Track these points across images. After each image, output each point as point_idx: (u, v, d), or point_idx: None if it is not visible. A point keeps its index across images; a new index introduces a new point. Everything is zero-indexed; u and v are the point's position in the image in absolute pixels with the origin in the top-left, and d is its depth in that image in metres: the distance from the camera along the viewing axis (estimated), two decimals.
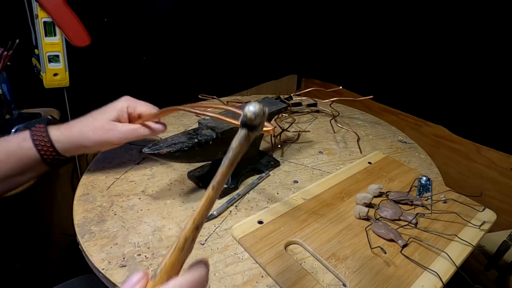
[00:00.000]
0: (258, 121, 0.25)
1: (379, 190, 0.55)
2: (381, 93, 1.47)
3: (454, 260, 0.44)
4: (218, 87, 1.38)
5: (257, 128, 0.26)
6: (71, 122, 0.52)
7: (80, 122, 0.51)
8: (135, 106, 0.53)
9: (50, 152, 0.49)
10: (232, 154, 0.27)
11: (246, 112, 0.25)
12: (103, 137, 0.51)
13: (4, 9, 0.87)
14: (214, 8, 1.30)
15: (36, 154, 0.49)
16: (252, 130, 0.26)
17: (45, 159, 0.49)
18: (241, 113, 0.25)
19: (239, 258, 0.44)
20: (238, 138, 0.26)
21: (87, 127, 0.51)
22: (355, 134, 0.77)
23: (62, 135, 0.50)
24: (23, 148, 0.48)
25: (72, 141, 0.50)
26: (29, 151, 0.48)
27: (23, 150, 0.48)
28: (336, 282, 0.41)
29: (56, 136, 0.50)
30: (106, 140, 0.51)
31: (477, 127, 1.23)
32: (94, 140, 0.51)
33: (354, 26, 1.55)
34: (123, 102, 0.53)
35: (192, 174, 0.58)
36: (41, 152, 0.49)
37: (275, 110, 0.59)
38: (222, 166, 0.27)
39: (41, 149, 0.49)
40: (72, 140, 0.50)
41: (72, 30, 0.83)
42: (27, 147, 0.48)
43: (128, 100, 0.54)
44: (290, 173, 0.63)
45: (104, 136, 0.51)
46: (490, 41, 1.13)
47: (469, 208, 0.54)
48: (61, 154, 0.50)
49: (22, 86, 0.90)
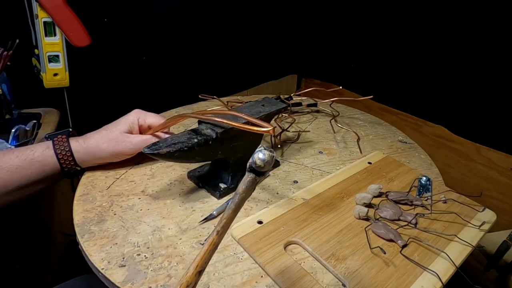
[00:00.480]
0: (266, 168, 0.25)
1: (379, 190, 0.55)
2: (381, 93, 1.47)
3: (454, 261, 0.44)
4: (218, 87, 1.38)
5: (265, 174, 0.26)
6: (88, 135, 0.56)
7: (96, 135, 0.56)
8: (145, 118, 0.58)
9: (69, 162, 0.54)
10: (239, 199, 0.27)
11: (255, 160, 0.25)
12: (117, 148, 0.55)
13: (4, 9, 0.87)
14: (214, 8, 1.30)
15: (56, 163, 0.53)
16: (260, 176, 0.26)
17: (63, 168, 0.54)
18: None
19: (238, 258, 0.44)
20: (245, 182, 0.26)
21: (101, 139, 0.55)
22: (355, 134, 0.77)
23: (80, 146, 0.54)
24: (46, 156, 0.52)
25: (89, 152, 0.55)
26: (50, 159, 0.52)
27: (45, 158, 0.52)
28: (335, 282, 0.41)
29: (75, 148, 0.54)
30: (120, 151, 0.56)
31: (477, 127, 1.23)
32: (109, 151, 0.55)
33: (354, 26, 1.55)
34: (134, 114, 0.58)
35: (192, 174, 0.58)
36: (61, 161, 0.53)
37: (275, 110, 0.58)
38: (228, 210, 0.27)
39: (61, 158, 0.53)
40: (89, 151, 0.55)
41: (72, 30, 0.83)
42: (49, 155, 0.52)
43: (139, 113, 0.58)
44: (290, 173, 0.63)
45: (118, 148, 0.55)
46: (490, 41, 1.13)
47: (469, 208, 0.54)
48: (78, 165, 0.55)
49: (22, 86, 0.90)
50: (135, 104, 0.58)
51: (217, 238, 0.27)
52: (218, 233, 0.27)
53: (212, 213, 0.50)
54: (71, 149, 0.53)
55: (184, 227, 0.48)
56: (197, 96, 0.88)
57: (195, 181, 0.58)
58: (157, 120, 0.59)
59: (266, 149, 0.25)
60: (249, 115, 0.50)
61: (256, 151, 0.25)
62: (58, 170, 0.54)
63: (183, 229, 0.48)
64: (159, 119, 0.59)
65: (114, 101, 1.09)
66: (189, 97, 0.90)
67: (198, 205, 0.53)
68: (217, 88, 1.19)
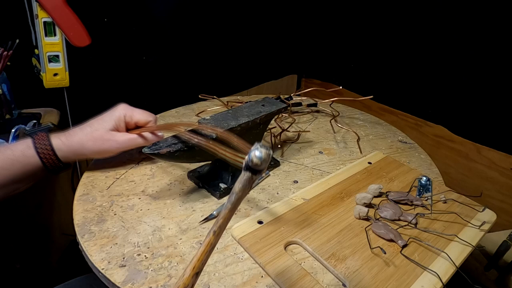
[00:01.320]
0: (263, 167, 0.25)
1: (379, 190, 0.55)
2: (381, 93, 1.47)
3: (454, 261, 0.44)
4: (218, 87, 1.38)
5: (261, 172, 0.26)
6: (71, 131, 0.54)
7: (80, 132, 0.54)
8: (132, 114, 0.56)
9: (53, 160, 0.52)
10: (235, 198, 0.27)
11: (252, 158, 0.24)
12: (102, 147, 0.54)
13: (4, 9, 0.87)
14: (214, 8, 1.30)
15: (39, 162, 0.51)
16: (256, 174, 0.26)
17: (47, 166, 0.52)
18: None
19: (238, 258, 0.44)
20: (242, 181, 0.26)
21: (86, 136, 0.53)
22: (355, 134, 0.77)
23: (63, 144, 0.53)
24: (27, 156, 0.51)
25: (72, 150, 0.53)
26: (32, 158, 0.51)
27: (27, 158, 0.51)
28: (335, 282, 0.41)
29: (57, 145, 0.52)
30: (104, 149, 0.55)
31: (477, 127, 1.23)
32: (93, 150, 0.54)
33: (354, 26, 1.55)
34: (121, 111, 0.55)
35: (192, 174, 0.58)
36: (43, 160, 0.51)
37: (275, 110, 0.58)
38: (224, 210, 0.27)
39: (43, 157, 0.51)
40: (73, 149, 0.53)
41: (72, 30, 0.83)
42: (30, 155, 0.51)
43: (126, 109, 0.56)
44: (290, 173, 0.63)
45: (103, 146, 0.54)
46: (490, 41, 1.13)
47: (469, 208, 0.54)
48: (61, 161, 0.53)
49: (22, 86, 0.90)
50: (135, 104, 0.58)
51: (214, 239, 0.27)
52: (215, 234, 0.27)
53: (212, 213, 0.50)
54: (53, 147, 0.52)
55: (184, 227, 0.48)
56: (197, 96, 0.88)
57: (195, 181, 0.58)
58: (144, 117, 0.56)
59: (262, 147, 0.24)
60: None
61: (253, 148, 0.25)
62: (41, 168, 0.52)
63: (183, 229, 0.48)
64: (146, 117, 0.57)
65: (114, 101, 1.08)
66: (189, 97, 0.90)
67: (198, 205, 0.53)
68: (217, 88, 1.19)
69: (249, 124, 0.54)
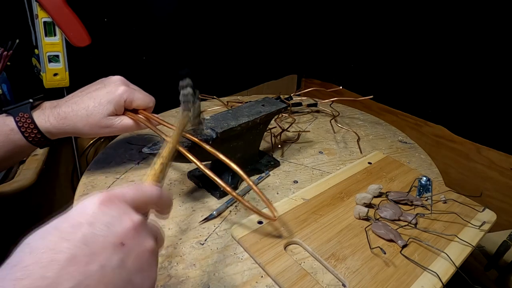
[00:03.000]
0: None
1: (379, 190, 0.55)
2: (381, 93, 1.47)
3: (454, 261, 0.44)
4: (218, 87, 1.37)
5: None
6: (61, 112, 0.49)
7: (73, 114, 0.49)
8: (132, 99, 0.52)
9: (42, 141, 0.50)
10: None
11: None
12: (99, 133, 0.51)
13: (4, 9, 0.87)
14: (214, 8, 1.30)
15: (27, 143, 0.49)
16: None
17: (36, 145, 0.50)
18: None
19: (238, 258, 0.44)
20: None
21: (81, 121, 0.49)
22: (355, 134, 0.77)
23: (54, 128, 0.49)
24: (13, 139, 0.48)
25: (64, 133, 0.51)
26: (20, 141, 0.48)
27: (14, 141, 0.48)
28: (335, 283, 0.41)
29: (46, 128, 0.49)
30: (100, 135, 0.53)
31: (477, 127, 1.23)
32: (89, 134, 0.52)
33: (354, 26, 1.55)
34: (122, 94, 0.50)
35: (192, 174, 0.58)
36: (32, 142, 0.49)
37: (275, 110, 0.58)
38: None
39: (32, 140, 0.49)
40: (64, 132, 0.50)
41: (72, 30, 0.83)
42: (17, 138, 0.48)
43: (126, 92, 0.51)
44: (290, 173, 0.63)
45: (99, 132, 0.51)
46: (490, 41, 1.13)
47: (469, 208, 0.54)
48: (49, 140, 0.51)
49: (22, 86, 0.90)
50: None
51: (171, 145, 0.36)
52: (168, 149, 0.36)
53: (212, 213, 0.50)
54: (40, 130, 0.49)
55: (184, 227, 0.48)
56: None
57: (195, 181, 0.58)
58: (145, 103, 0.53)
59: None
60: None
61: None
62: (30, 146, 0.50)
63: (183, 229, 0.48)
64: (147, 102, 0.53)
65: None
66: None
67: (198, 205, 0.53)
68: (217, 88, 1.19)
69: (249, 124, 0.54)
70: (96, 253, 0.22)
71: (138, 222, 0.25)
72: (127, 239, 0.24)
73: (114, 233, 0.23)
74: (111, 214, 0.24)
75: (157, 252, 0.28)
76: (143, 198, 0.27)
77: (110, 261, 0.22)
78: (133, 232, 0.24)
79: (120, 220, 0.24)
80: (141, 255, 0.25)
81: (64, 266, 0.21)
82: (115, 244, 0.23)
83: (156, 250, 0.27)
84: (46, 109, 0.50)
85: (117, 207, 0.25)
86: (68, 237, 0.22)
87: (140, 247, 0.25)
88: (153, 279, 0.26)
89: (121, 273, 0.23)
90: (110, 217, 0.24)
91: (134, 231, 0.24)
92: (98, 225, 0.23)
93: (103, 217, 0.23)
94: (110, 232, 0.23)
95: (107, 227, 0.23)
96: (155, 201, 0.29)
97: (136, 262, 0.24)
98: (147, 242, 0.26)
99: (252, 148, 0.61)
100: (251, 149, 0.61)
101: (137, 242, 0.25)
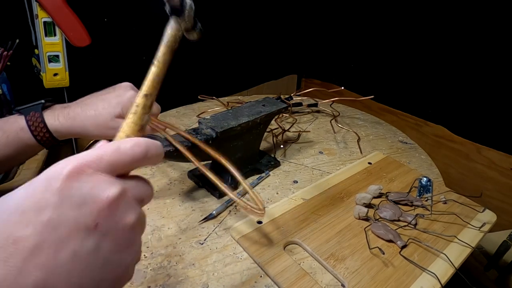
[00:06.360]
0: None
1: (379, 191, 0.55)
2: (382, 93, 1.47)
3: (453, 262, 0.44)
4: (218, 87, 1.38)
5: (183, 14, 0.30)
6: (70, 111, 0.50)
7: (82, 114, 0.50)
8: None
9: (50, 141, 0.50)
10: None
11: None
12: (105, 134, 0.52)
13: (4, 9, 0.87)
14: (214, 8, 1.30)
15: (35, 143, 0.49)
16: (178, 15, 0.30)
17: (43, 145, 0.50)
18: None
19: (238, 258, 0.44)
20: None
21: (88, 121, 0.50)
22: (355, 134, 0.77)
23: (63, 127, 0.50)
24: (22, 138, 0.49)
25: (72, 133, 0.51)
26: (28, 140, 0.49)
27: (22, 140, 0.49)
28: (334, 283, 0.41)
29: (55, 127, 0.50)
30: (107, 136, 0.52)
31: (477, 127, 1.23)
32: (95, 135, 0.52)
33: (355, 26, 1.55)
34: (130, 97, 0.51)
35: (192, 174, 0.58)
36: (41, 142, 0.50)
37: (276, 110, 0.58)
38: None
39: (40, 139, 0.49)
40: (73, 132, 0.51)
41: (72, 30, 0.83)
42: (26, 137, 0.49)
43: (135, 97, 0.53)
44: (290, 173, 0.63)
45: (106, 133, 0.51)
46: (490, 41, 1.13)
47: (469, 209, 0.54)
48: (57, 140, 0.51)
49: (22, 86, 0.90)
50: None
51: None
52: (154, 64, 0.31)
53: (212, 213, 0.50)
54: (49, 130, 0.49)
55: (184, 226, 0.48)
56: (197, 96, 0.88)
57: (195, 181, 0.58)
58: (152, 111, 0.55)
59: None
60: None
61: None
62: (38, 146, 0.50)
63: (182, 228, 0.48)
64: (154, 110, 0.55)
65: None
66: (189, 97, 0.90)
67: (198, 204, 0.53)
68: (217, 88, 1.19)
69: (249, 124, 0.54)
70: (66, 238, 0.19)
71: (115, 195, 0.21)
72: (101, 218, 0.20)
73: (86, 213, 0.20)
74: (82, 189, 0.20)
75: (143, 220, 0.24)
76: (124, 161, 0.23)
77: (83, 246, 0.20)
78: (109, 210, 0.21)
79: (92, 197, 0.20)
80: (120, 234, 0.21)
81: (27, 257, 0.18)
82: (88, 226, 0.20)
83: (140, 219, 0.23)
84: (56, 109, 0.51)
85: (89, 179, 0.21)
86: (32, 221, 0.19)
87: (118, 224, 0.21)
88: (136, 254, 0.23)
89: (97, 257, 0.20)
90: (80, 194, 0.20)
91: (110, 208, 0.21)
92: (66, 204, 0.20)
93: (72, 194, 0.20)
94: (82, 212, 0.20)
95: (77, 206, 0.20)
96: (139, 160, 0.24)
97: (114, 242, 0.21)
98: (128, 217, 0.22)
99: (252, 148, 0.61)
100: (251, 149, 0.61)
101: (114, 220, 0.21)
